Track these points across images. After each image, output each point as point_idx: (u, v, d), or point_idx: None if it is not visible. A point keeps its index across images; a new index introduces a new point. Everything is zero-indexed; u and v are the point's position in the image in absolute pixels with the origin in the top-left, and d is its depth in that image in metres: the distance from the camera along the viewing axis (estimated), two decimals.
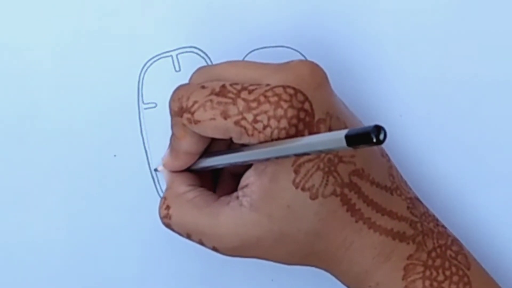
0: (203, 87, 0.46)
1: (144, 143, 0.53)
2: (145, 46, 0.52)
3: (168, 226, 0.48)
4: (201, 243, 0.47)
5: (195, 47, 0.53)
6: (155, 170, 0.52)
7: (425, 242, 0.47)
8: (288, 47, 0.53)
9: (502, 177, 0.53)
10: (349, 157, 0.46)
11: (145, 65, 0.52)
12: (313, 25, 0.53)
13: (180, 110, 0.46)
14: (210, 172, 0.50)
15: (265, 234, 0.45)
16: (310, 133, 0.44)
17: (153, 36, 0.52)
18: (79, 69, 0.52)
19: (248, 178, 0.46)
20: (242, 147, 0.46)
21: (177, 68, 0.53)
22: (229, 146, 0.49)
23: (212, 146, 0.49)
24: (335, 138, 0.38)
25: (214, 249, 0.47)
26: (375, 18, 0.53)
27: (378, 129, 0.36)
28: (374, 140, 0.36)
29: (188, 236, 0.48)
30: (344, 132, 0.37)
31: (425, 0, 0.53)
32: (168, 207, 0.48)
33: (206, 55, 0.52)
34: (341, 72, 0.53)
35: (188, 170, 0.49)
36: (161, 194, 0.52)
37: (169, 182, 0.50)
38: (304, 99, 0.44)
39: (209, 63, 0.52)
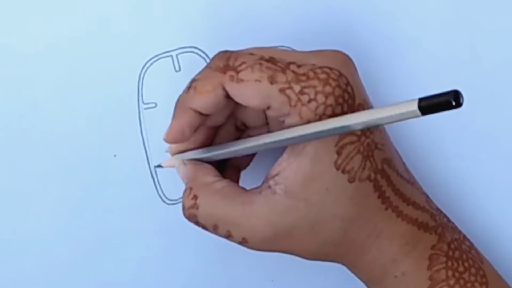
0: (251, 53, 0.45)
1: (144, 143, 0.53)
2: (145, 46, 0.52)
3: (192, 217, 0.46)
4: (228, 235, 0.46)
5: (195, 47, 0.53)
6: (157, 166, 0.52)
7: (444, 233, 0.47)
8: (288, 47, 0.53)
9: (503, 177, 0.53)
10: (381, 145, 0.46)
11: (145, 65, 0.52)
12: (313, 25, 0.53)
13: (226, 67, 0.45)
14: (215, 165, 0.49)
15: (299, 221, 0.44)
16: None
17: (153, 36, 0.52)
18: (79, 69, 0.52)
19: (280, 164, 0.45)
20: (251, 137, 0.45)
21: (177, 68, 0.53)
22: (237, 138, 0.48)
23: (218, 138, 0.48)
24: (408, 107, 0.37)
25: (243, 240, 0.46)
26: (375, 18, 0.53)
27: (456, 94, 0.36)
28: (454, 103, 0.35)
29: (215, 228, 0.46)
30: (416, 100, 0.37)
31: (426, 1, 0.53)
32: (195, 197, 0.46)
33: (206, 55, 0.52)
34: None
35: (207, 162, 0.48)
36: (161, 194, 0.52)
37: (192, 174, 0.48)
38: (347, 82, 0.44)
39: None
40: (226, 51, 0.46)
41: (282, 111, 0.44)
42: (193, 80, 0.46)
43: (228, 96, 0.45)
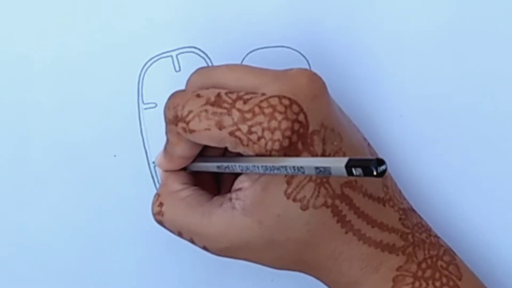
0: (198, 95, 0.46)
1: (144, 143, 0.53)
2: (145, 46, 0.52)
3: (160, 223, 0.49)
4: (192, 241, 0.48)
5: (195, 47, 0.53)
6: (154, 162, 0.52)
7: (416, 253, 0.47)
8: (288, 47, 0.53)
9: (502, 177, 0.53)
10: None
11: (145, 65, 0.53)
12: (313, 25, 0.53)
13: (175, 118, 0.46)
14: None
15: (254, 239, 0.46)
16: (304, 145, 0.44)
17: (153, 36, 0.52)
18: (79, 69, 0.52)
19: (242, 182, 0.46)
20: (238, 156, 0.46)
21: (177, 68, 0.53)
22: (225, 150, 0.49)
23: (208, 149, 0.48)
24: (336, 166, 0.39)
25: (205, 248, 0.47)
26: (375, 18, 0.53)
27: (380, 162, 0.37)
28: (375, 173, 0.37)
29: (180, 234, 0.48)
30: (344, 160, 0.38)
31: (425, 0, 0.53)
32: (161, 204, 0.48)
33: (206, 55, 0.52)
34: (341, 72, 0.53)
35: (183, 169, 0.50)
36: None
37: (164, 179, 0.50)
38: (299, 110, 0.44)
39: (209, 63, 0.52)
40: (174, 94, 0.47)
41: (238, 149, 0.45)
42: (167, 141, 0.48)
43: None
